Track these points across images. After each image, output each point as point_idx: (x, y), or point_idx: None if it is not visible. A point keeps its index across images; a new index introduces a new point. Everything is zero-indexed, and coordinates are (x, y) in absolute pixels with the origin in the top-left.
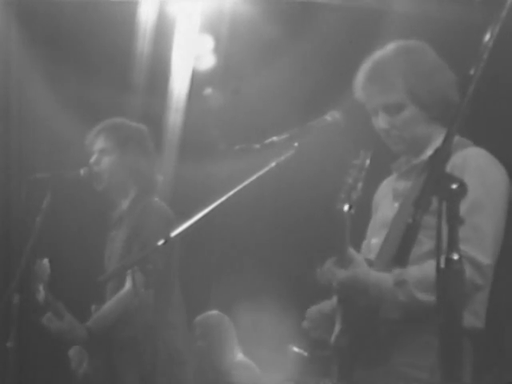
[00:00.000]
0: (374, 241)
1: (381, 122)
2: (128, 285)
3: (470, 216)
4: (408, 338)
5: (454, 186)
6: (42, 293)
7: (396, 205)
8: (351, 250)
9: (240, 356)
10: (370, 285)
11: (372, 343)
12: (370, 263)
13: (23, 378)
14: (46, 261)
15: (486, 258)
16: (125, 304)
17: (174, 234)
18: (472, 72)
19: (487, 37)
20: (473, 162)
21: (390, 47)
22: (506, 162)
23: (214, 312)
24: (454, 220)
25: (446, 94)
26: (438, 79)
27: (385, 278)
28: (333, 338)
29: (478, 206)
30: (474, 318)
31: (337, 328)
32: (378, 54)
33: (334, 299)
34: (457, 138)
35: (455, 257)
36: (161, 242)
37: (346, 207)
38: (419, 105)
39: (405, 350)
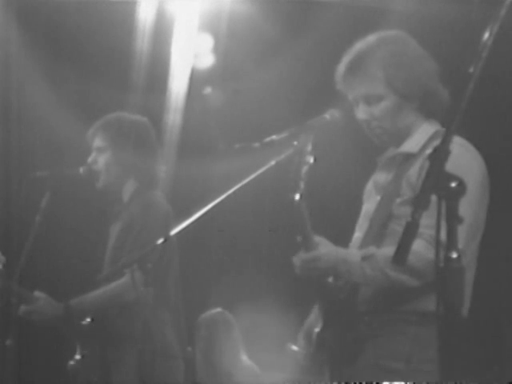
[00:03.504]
0: (357, 234)
1: (361, 112)
2: (124, 278)
3: None
4: (383, 329)
5: (453, 185)
6: None
7: (378, 198)
8: (316, 238)
9: (244, 359)
10: (339, 261)
11: (351, 338)
12: None
13: (22, 376)
14: None
15: None
16: (113, 294)
17: (173, 232)
18: (471, 70)
19: (486, 35)
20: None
21: (371, 38)
22: (493, 156)
23: (218, 310)
24: (453, 219)
25: (426, 84)
26: (418, 69)
27: (353, 253)
28: (314, 335)
29: None
30: None
31: (319, 324)
32: (359, 45)
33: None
34: (440, 130)
35: (454, 255)
36: (160, 241)
37: (297, 196)
38: (399, 95)
39: (381, 341)
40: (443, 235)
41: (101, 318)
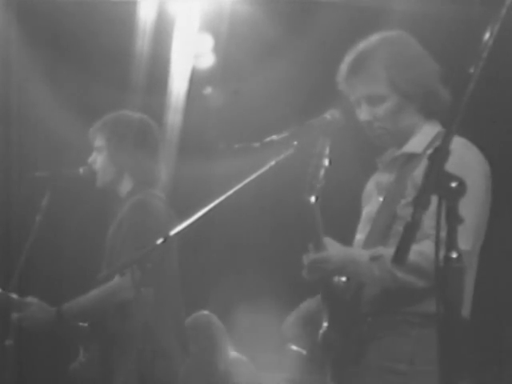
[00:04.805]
0: (359, 236)
1: (363, 113)
2: (117, 278)
3: None
4: (386, 330)
5: (454, 185)
6: None
7: (380, 199)
8: (327, 239)
9: (233, 354)
10: (347, 261)
11: (355, 339)
12: None
13: (22, 377)
14: None
15: (463, 244)
16: (107, 294)
17: (173, 232)
18: (471, 70)
19: (486, 35)
20: (453, 152)
21: (373, 38)
22: (494, 156)
23: (202, 313)
24: (454, 219)
25: (428, 85)
26: (419, 70)
27: (361, 254)
28: (320, 336)
29: None
30: None
31: (324, 325)
32: (361, 46)
33: (318, 297)
34: (441, 130)
35: (454, 255)
36: (160, 241)
37: (312, 198)
38: (401, 95)
39: (384, 343)
40: (445, 235)
41: (99, 319)
